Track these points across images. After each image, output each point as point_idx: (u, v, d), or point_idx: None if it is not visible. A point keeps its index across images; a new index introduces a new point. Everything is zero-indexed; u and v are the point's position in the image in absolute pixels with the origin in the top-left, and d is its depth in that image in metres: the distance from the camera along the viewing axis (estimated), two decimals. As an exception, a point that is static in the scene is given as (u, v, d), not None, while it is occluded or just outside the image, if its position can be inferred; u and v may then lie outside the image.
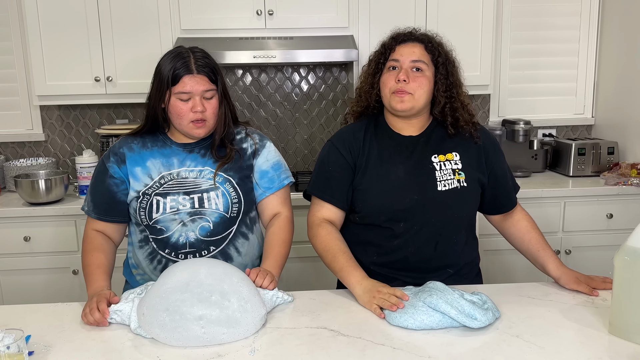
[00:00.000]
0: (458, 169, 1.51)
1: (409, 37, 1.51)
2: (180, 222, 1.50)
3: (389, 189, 1.49)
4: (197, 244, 1.51)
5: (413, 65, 1.47)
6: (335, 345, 1.18)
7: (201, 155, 1.55)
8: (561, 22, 3.10)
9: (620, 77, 2.98)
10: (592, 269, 2.67)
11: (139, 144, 1.55)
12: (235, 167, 1.55)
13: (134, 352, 1.17)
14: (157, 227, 1.51)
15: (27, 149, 3.04)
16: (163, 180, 1.51)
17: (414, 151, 1.52)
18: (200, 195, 1.51)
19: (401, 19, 2.72)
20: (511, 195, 1.62)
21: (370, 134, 1.55)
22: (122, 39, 2.64)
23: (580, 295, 1.40)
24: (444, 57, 1.50)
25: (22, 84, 2.95)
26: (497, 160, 1.58)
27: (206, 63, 1.48)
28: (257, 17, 2.66)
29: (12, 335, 1.06)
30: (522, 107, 3.18)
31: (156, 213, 1.49)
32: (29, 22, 2.61)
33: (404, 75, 1.45)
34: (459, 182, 1.50)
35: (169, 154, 1.54)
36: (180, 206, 1.50)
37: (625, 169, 2.77)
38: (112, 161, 1.54)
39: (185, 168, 1.53)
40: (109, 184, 1.53)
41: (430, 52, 1.49)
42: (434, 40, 1.51)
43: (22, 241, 2.51)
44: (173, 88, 1.45)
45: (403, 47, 1.49)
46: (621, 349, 1.14)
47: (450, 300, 1.22)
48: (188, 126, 1.48)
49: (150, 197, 1.50)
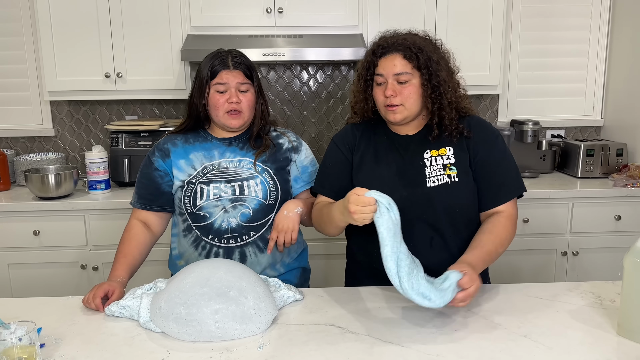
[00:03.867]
0: (450, 164, 1.49)
1: (387, 48, 1.46)
2: (223, 209, 1.59)
3: (379, 186, 1.45)
4: (238, 229, 1.59)
5: (397, 78, 1.45)
6: (343, 342, 1.18)
7: (239, 148, 1.65)
8: (571, 23, 3.08)
9: (630, 78, 2.96)
10: (599, 271, 2.69)
11: (181, 139, 1.66)
12: (272, 159, 1.66)
13: (143, 345, 1.18)
14: (200, 213, 1.60)
15: (37, 144, 3.06)
16: (206, 170, 1.62)
17: (408, 149, 1.53)
18: (241, 183, 1.60)
19: (410, 17, 2.73)
20: (491, 194, 1.49)
21: (369, 132, 1.58)
22: (133, 35, 2.66)
23: (589, 297, 1.40)
24: (424, 61, 1.44)
25: (32, 80, 2.97)
26: (486, 154, 1.49)
27: (242, 61, 1.61)
28: (267, 15, 2.67)
29: (24, 328, 1.07)
30: (531, 107, 3.17)
31: (200, 200, 1.60)
32: (40, 18, 2.62)
33: (390, 91, 1.44)
34: (449, 177, 1.47)
35: (209, 147, 1.65)
36: (222, 193, 1.59)
37: (634, 170, 2.75)
38: (157, 156, 1.65)
39: (225, 159, 1.63)
40: (154, 176, 1.64)
41: (410, 60, 1.44)
42: (412, 46, 1.44)
43: (32, 235, 2.53)
44: (212, 82, 1.58)
45: (384, 61, 1.46)
46: (630, 350, 1.14)
47: (416, 276, 1.21)
48: (224, 116, 1.59)
49: (195, 185, 1.60)
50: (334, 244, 2.57)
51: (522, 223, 2.65)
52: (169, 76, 2.72)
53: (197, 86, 1.61)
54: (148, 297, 1.30)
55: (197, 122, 1.66)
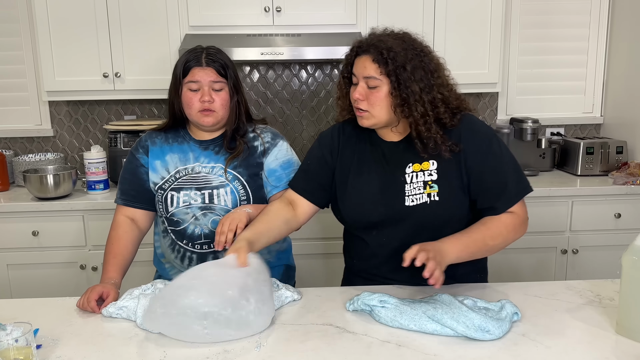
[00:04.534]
0: (431, 181, 1.40)
1: (359, 48, 1.39)
2: (193, 216, 1.58)
3: (360, 201, 1.46)
4: (211, 235, 1.58)
5: (366, 82, 1.37)
6: (341, 342, 1.18)
7: (215, 152, 1.62)
8: (570, 21, 3.07)
9: (629, 76, 2.95)
10: (599, 269, 2.69)
11: (162, 138, 1.65)
12: (245, 164, 1.61)
13: (141, 346, 1.18)
14: (173, 219, 1.60)
15: (36, 144, 3.06)
16: (178, 175, 1.60)
17: (391, 159, 1.45)
18: (211, 192, 1.58)
19: (409, 15, 2.72)
20: (490, 205, 1.41)
21: (355, 136, 1.51)
22: (131, 35, 2.65)
23: (588, 295, 1.40)
24: (393, 68, 1.33)
25: (31, 80, 2.97)
26: (479, 163, 1.40)
27: (217, 58, 1.56)
28: (265, 13, 2.66)
29: (20, 329, 1.06)
30: (531, 105, 3.16)
31: (171, 207, 1.59)
32: (38, 18, 2.62)
33: (357, 94, 1.38)
34: (429, 196, 1.40)
35: (186, 149, 1.63)
36: (192, 201, 1.58)
37: (634, 168, 2.75)
38: (140, 152, 1.65)
39: (199, 163, 1.61)
40: (139, 172, 1.63)
41: (380, 64, 1.34)
42: (385, 50, 1.33)
43: (31, 236, 2.53)
44: (184, 79, 1.55)
45: (357, 61, 1.39)
46: (628, 349, 1.13)
47: (457, 314, 1.18)
48: (196, 115, 1.56)
49: (165, 191, 1.60)
50: (330, 243, 2.57)
51: (522, 221, 2.64)
52: (168, 76, 2.63)
53: (172, 83, 1.59)
54: (145, 298, 1.30)
55: (177, 121, 1.63)
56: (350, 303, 1.32)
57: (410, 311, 1.23)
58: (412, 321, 1.21)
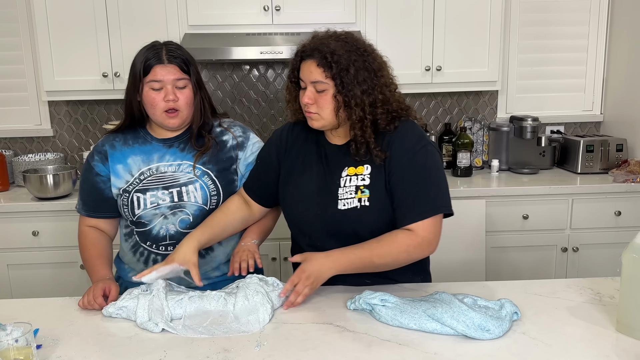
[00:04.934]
0: (363, 186, 1.40)
1: (304, 53, 1.38)
2: (162, 216, 1.54)
3: (299, 201, 1.48)
4: (177, 235, 1.54)
5: (314, 86, 1.37)
6: (341, 341, 1.18)
7: (180, 149, 1.58)
8: (570, 18, 3.07)
9: (629, 73, 2.95)
10: (600, 267, 2.69)
11: (120, 141, 1.59)
12: (214, 159, 1.58)
13: (141, 345, 1.18)
14: (141, 221, 1.56)
15: (36, 144, 3.06)
16: (142, 176, 1.55)
17: (331, 162, 1.46)
18: (179, 189, 1.54)
19: (409, 13, 2.72)
20: (400, 214, 1.38)
21: (303, 137, 1.52)
22: (130, 34, 2.65)
23: (588, 293, 1.40)
24: (337, 71, 1.33)
25: (30, 80, 2.97)
26: (399, 173, 1.38)
27: (178, 54, 1.51)
28: (264, 12, 2.66)
29: (20, 329, 1.06)
30: (531, 103, 3.16)
31: (138, 209, 1.54)
32: (37, 17, 2.62)
33: (306, 98, 1.38)
34: (359, 201, 1.39)
35: (149, 150, 1.57)
36: (160, 201, 1.54)
37: (634, 166, 2.74)
38: (96, 160, 1.58)
39: (164, 163, 1.56)
40: (95, 182, 1.58)
41: (325, 68, 1.34)
42: (327, 52, 1.33)
43: (31, 236, 2.53)
44: (145, 78, 1.48)
45: (303, 65, 1.39)
46: (629, 347, 1.13)
47: (457, 313, 1.18)
48: (161, 116, 1.50)
49: (130, 194, 1.54)
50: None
51: (522, 219, 2.65)
52: (167, 75, 2.70)
53: (131, 82, 1.51)
54: (145, 298, 1.30)
55: (134, 121, 1.57)
56: (352, 302, 1.32)
57: (410, 310, 1.23)
58: (412, 320, 1.21)
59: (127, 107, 1.55)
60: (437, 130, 3.17)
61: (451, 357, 1.10)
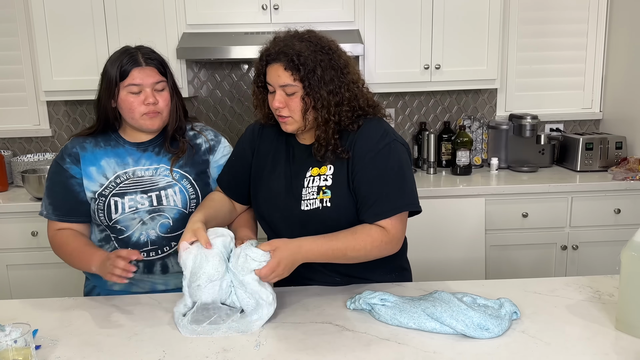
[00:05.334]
0: (325, 186, 1.39)
1: (271, 56, 1.35)
2: (140, 221, 1.51)
3: (266, 200, 1.47)
4: (158, 240, 1.53)
5: (284, 89, 1.35)
6: (340, 340, 1.18)
7: (155, 153, 1.55)
8: (569, 16, 3.07)
9: (628, 71, 2.95)
10: (600, 264, 2.69)
11: (90, 143, 1.54)
12: (191, 163, 1.57)
13: (140, 346, 1.18)
14: (117, 227, 1.51)
15: (34, 145, 3.06)
16: (119, 180, 1.51)
17: (297, 162, 1.45)
18: (158, 193, 1.52)
19: (407, 11, 2.72)
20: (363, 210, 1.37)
21: (271, 137, 1.51)
22: (128, 34, 2.64)
23: (587, 291, 1.39)
24: (305, 73, 1.32)
25: (28, 80, 2.97)
26: (360, 170, 1.37)
27: (154, 56, 1.50)
28: (263, 11, 2.66)
29: (19, 330, 1.06)
30: (530, 101, 3.16)
31: (115, 214, 1.50)
32: (35, 17, 2.61)
33: (277, 102, 1.36)
34: (321, 202, 1.38)
35: (122, 153, 1.54)
36: (138, 205, 1.51)
37: (633, 163, 2.74)
38: (68, 162, 1.53)
39: (140, 167, 1.53)
40: (70, 184, 1.52)
41: (293, 70, 1.32)
42: (295, 56, 1.32)
43: (30, 236, 2.53)
44: (122, 82, 1.45)
45: (270, 69, 1.36)
46: (628, 345, 1.13)
47: (456, 313, 1.18)
48: (142, 119, 1.48)
49: (107, 198, 1.50)
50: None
51: (522, 217, 2.65)
52: (165, 75, 2.70)
53: (105, 87, 1.47)
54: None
55: (106, 125, 1.53)
56: (352, 302, 1.32)
57: (409, 309, 1.23)
58: (411, 319, 1.21)
59: (100, 112, 1.51)
60: (436, 129, 3.17)
61: (450, 356, 1.10)
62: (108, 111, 1.50)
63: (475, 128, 3.11)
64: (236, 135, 3.10)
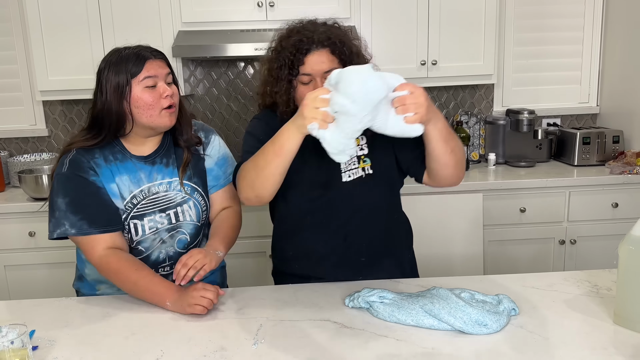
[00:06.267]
0: (364, 155, 1.45)
1: (312, 44, 1.37)
2: (160, 241, 1.48)
3: (297, 183, 1.46)
4: (176, 256, 1.48)
5: (325, 76, 1.34)
6: (338, 337, 1.18)
7: (164, 165, 1.49)
8: (565, 10, 3.06)
9: (625, 65, 2.95)
10: (598, 259, 2.69)
11: (100, 157, 1.43)
12: (197, 172, 1.53)
13: (137, 345, 1.18)
14: (138, 248, 1.47)
15: (31, 145, 3.05)
16: (135, 200, 1.44)
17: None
18: (176, 210, 1.48)
19: (403, 7, 2.71)
20: (420, 162, 1.43)
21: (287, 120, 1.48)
22: (123, 32, 2.63)
23: (585, 285, 1.39)
24: (347, 53, 1.39)
25: (24, 80, 2.95)
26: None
27: (158, 51, 1.44)
28: (258, 8, 2.65)
29: (15, 331, 1.06)
30: (526, 96, 3.16)
31: (136, 236, 1.45)
32: (30, 17, 2.60)
33: None
34: (363, 170, 1.45)
35: (132, 168, 1.45)
36: (158, 225, 1.47)
37: (630, 157, 2.74)
38: (91, 174, 1.40)
39: (154, 182, 1.46)
40: (102, 194, 1.41)
41: (337, 55, 1.38)
42: (336, 39, 1.38)
43: (27, 236, 2.52)
44: (136, 78, 1.37)
45: (310, 58, 1.37)
46: (626, 338, 1.13)
47: (454, 310, 1.18)
48: (161, 115, 1.40)
49: (127, 221, 1.44)
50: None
51: (519, 212, 2.65)
52: (161, 73, 2.69)
53: (112, 91, 1.36)
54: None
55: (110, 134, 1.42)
56: (350, 300, 1.32)
57: (407, 306, 1.22)
58: (409, 316, 1.21)
59: (108, 120, 1.39)
60: (433, 125, 3.16)
61: (449, 352, 1.10)
62: (121, 116, 1.38)
63: (472, 123, 3.11)
64: (233, 133, 3.09)
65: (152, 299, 1.35)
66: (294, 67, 1.38)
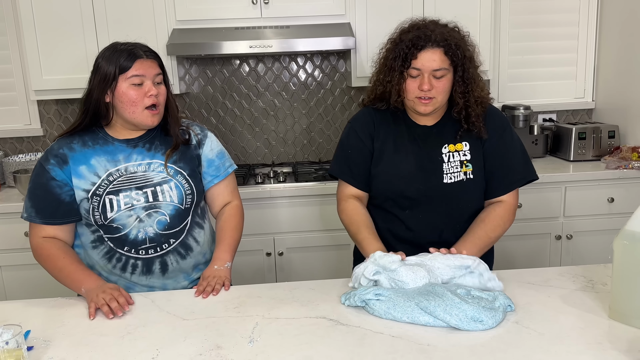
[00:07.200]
0: (466, 161, 1.55)
1: (428, 42, 1.47)
2: (137, 218, 1.49)
3: (397, 177, 1.56)
4: (157, 238, 1.51)
5: (433, 73, 1.47)
6: (334, 334, 1.18)
7: (146, 149, 1.53)
8: (560, 5, 3.06)
9: (620, 60, 2.95)
10: (594, 254, 2.70)
11: (78, 143, 1.50)
12: (185, 158, 1.56)
13: (133, 345, 1.17)
14: (113, 225, 1.48)
15: (26, 144, 3.04)
16: (111, 177, 1.48)
17: (426, 141, 1.57)
18: (154, 189, 1.50)
19: (398, 3, 2.70)
20: (494, 185, 1.58)
21: (388, 119, 1.60)
22: (118, 31, 2.62)
23: (580, 281, 1.40)
24: (461, 57, 1.48)
25: (18, 79, 2.94)
26: (492, 144, 1.56)
27: (152, 51, 1.51)
28: (253, 6, 2.64)
29: (10, 331, 1.06)
30: (522, 92, 3.15)
31: (111, 212, 1.47)
32: (23, 16, 2.59)
33: (427, 85, 1.46)
34: (465, 174, 1.55)
35: (112, 150, 1.50)
36: (134, 201, 1.49)
37: (626, 152, 2.75)
38: (52, 163, 1.47)
39: (132, 163, 1.50)
40: (50, 186, 1.47)
41: (449, 56, 1.47)
42: (452, 42, 1.47)
43: (23, 236, 2.51)
44: (124, 75, 1.43)
45: (423, 54, 1.47)
46: (621, 333, 1.14)
47: (450, 307, 1.18)
48: (143, 113, 1.46)
49: (102, 196, 1.47)
50: (329, 235, 2.56)
51: (516, 208, 2.65)
52: (156, 71, 2.68)
53: (99, 81, 1.43)
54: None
55: (92, 121, 1.49)
56: (346, 298, 1.32)
57: (403, 303, 1.22)
58: (405, 314, 1.21)
59: (89, 106, 1.46)
60: (429, 121, 3.16)
61: (444, 348, 1.10)
62: (100, 105, 1.46)
63: (468, 120, 3.10)
64: (229, 131, 3.09)
65: (71, 285, 1.44)
66: (407, 60, 1.48)
